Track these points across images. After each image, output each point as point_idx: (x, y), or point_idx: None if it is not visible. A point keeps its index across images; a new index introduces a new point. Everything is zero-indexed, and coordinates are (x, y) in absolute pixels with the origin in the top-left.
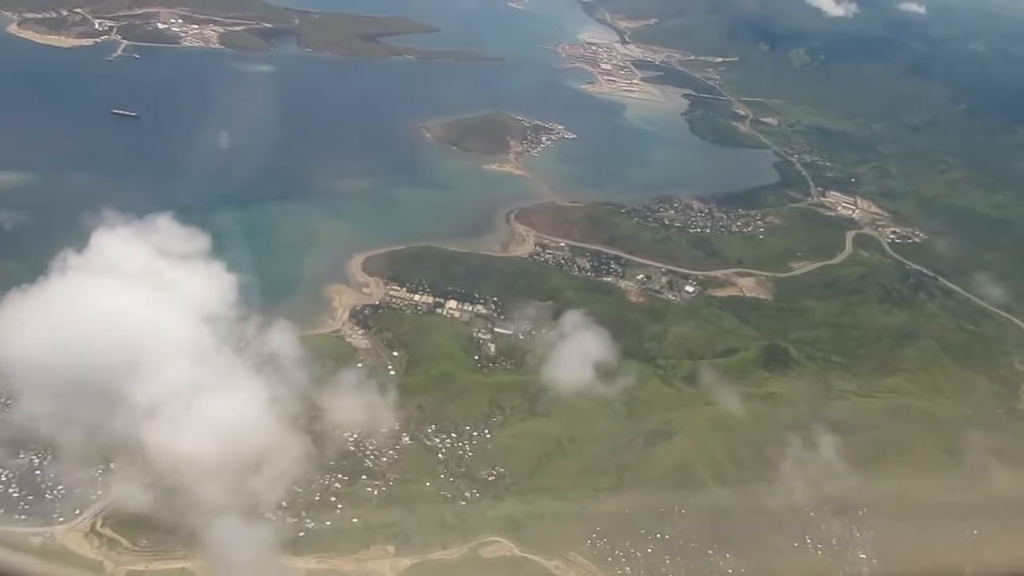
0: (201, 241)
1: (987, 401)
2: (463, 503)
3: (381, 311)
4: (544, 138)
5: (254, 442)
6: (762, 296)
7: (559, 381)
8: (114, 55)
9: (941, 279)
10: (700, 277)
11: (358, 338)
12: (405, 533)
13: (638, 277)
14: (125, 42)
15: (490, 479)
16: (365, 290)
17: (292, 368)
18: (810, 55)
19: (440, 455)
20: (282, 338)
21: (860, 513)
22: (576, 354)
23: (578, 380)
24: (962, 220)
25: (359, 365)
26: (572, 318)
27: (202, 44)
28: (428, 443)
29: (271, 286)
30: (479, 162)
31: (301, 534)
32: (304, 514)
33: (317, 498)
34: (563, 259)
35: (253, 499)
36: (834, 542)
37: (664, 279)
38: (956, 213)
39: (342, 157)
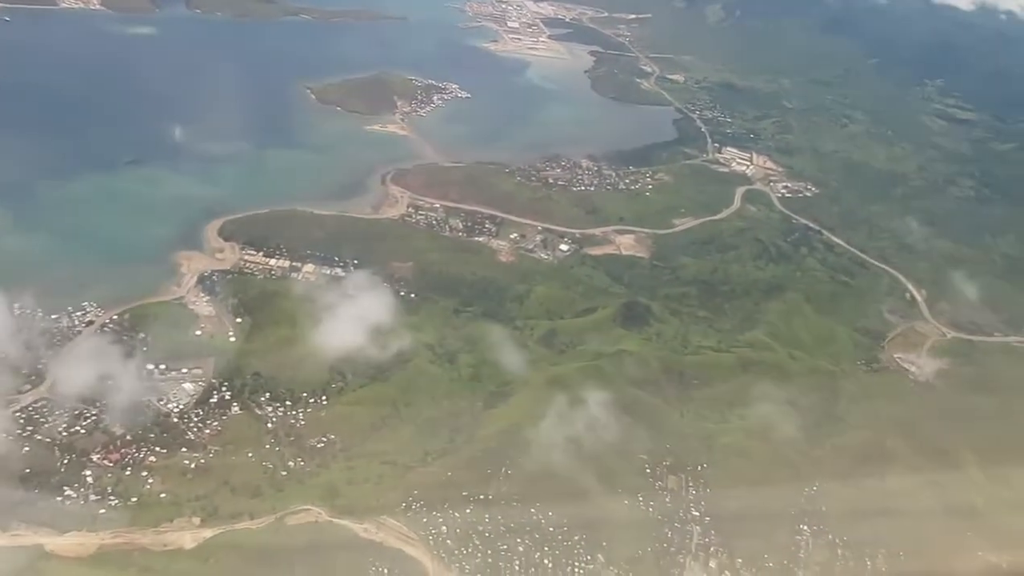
0: (39, 208)
1: (848, 352)
2: (284, 473)
3: (231, 277)
4: (435, 98)
5: None
6: (639, 254)
7: (403, 345)
8: None
9: (826, 233)
10: (577, 235)
11: (202, 305)
12: (214, 505)
13: (512, 236)
14: None
15: (319, 447)
16: (219, 255)
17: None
18: (726, 11)
19: (270, 424)
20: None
21: (699, 469)
22: (429, 316)
23: (425, 343)
24: (857, 174)
25: (197, 333)
26: (428, 279)
27: (82, 5)
28: (259, 412)
29: (115, 253)
30: (362, 123)
31: (102, 511)
32: (110, 490)
33: (128, 473)
34: (436, 220)
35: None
36: (667, 499)
37: (539, 238)
38: (852, 167)
39: (216, 120)
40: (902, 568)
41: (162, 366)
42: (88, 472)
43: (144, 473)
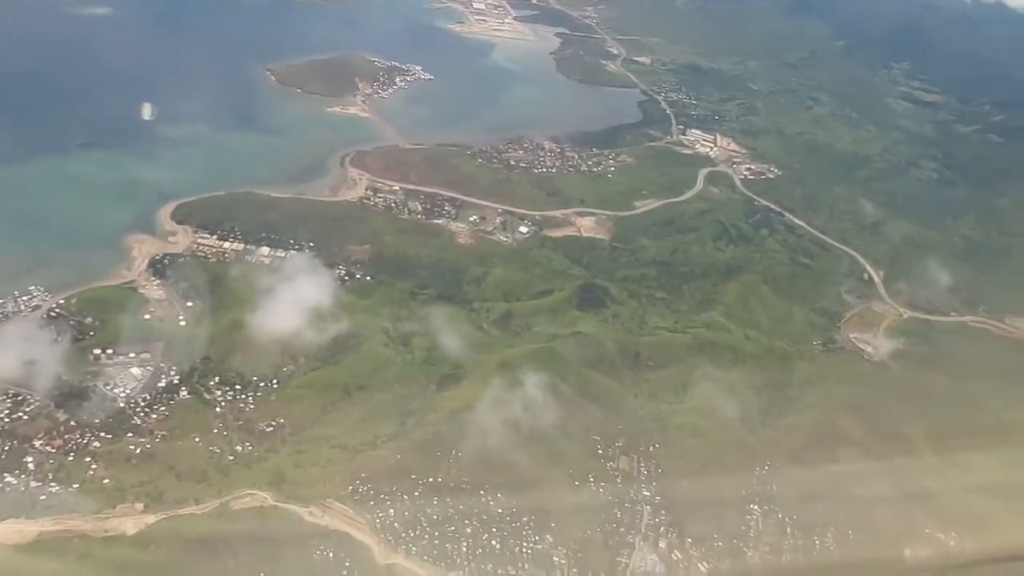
0: None
1: (803, 332)
2: (231, 457)
3: (183, 260)
4: (398, 79)
5: None
6: (599, 236)
7: (358, 328)
8: None
9: (787, 215)
10: (537, 218)
11: (152, 289)
12: (159, 490)
13: (471, 219)
14: None
15: (268, 431)
16: (171, 239)
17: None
18: None
19: (218, 409)
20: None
21: (651, 450)
22: (385, 299)
23: (380, 326)
24: (821, 156)
25: (147, 317)
26: (384, 262)
27: None
28: (208, 397)
29: (65, 237)
30: (323, 105)
31: (43, 497)
32: (51, 476)
33: (71, 459)
34: (395, 203)
35: None
36: (618, 480)
37: (499, 220)
38: (816, 149)
39: (172, 102)
40: (851, 547)
41: (109, 351)
42: (30, 458)
43: (87, 459)
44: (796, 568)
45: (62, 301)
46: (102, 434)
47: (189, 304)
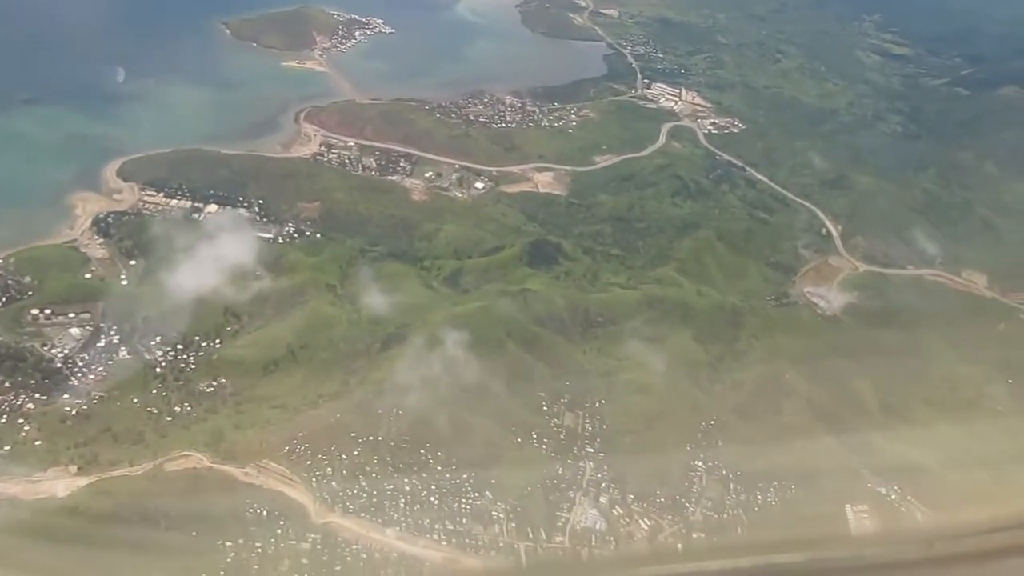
0: None
1: (757, 288)
2: (169, 418)
3: (128, 218)
4: (358, 33)
5: None
6: (556, 191)
7: (305, 286)
8: None
9: (749, 169)
10: (494, 173)
11: (95, 247)
12: (94, 452)
13: (427, 175)
14: None
15: (208, 391)
16: (117, 197)
17: None
18: None
19: (159, 369)
20: None
21: (597, 405)
22: (333, 257)
23: (327, 284)
24: (786, 110)
25: (87, 276)
26: (335, 219)
27: None
28: (148, 357)
29: (5, 195)
30: (279, 59)
31: None
32: None
33: (3, 421)
34: (349, 159)
35: None
36: (562, 436)
37: (455, 176)
38: (782, 103)
39: (123, 56)
40: (793, 501)
41: (47, 311)
42: None
43: (20, 420)
44: (737, 523)
45: (0, 261)
46: (37, 395)
47: (132, 263)
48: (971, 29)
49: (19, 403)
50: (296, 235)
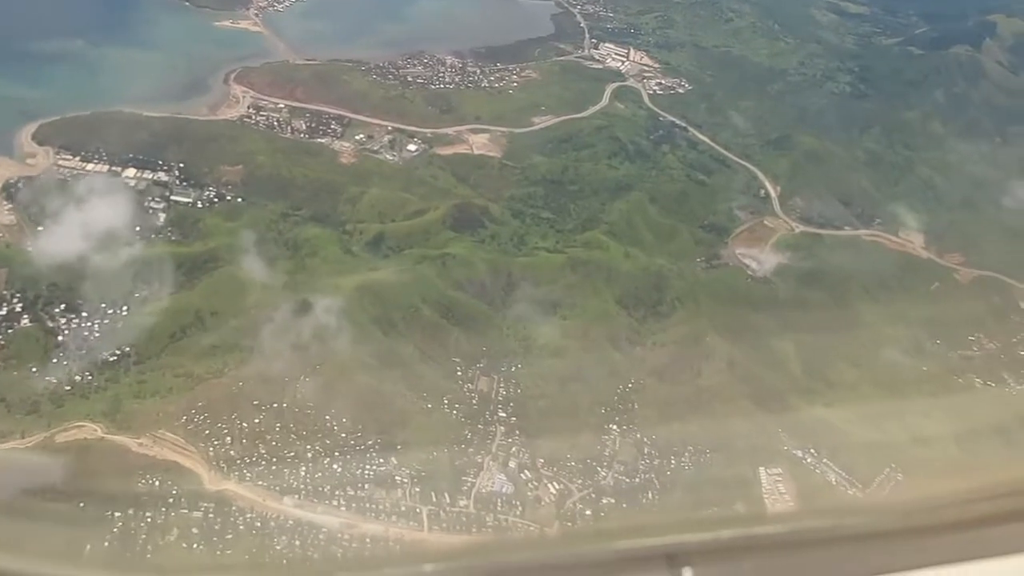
0: None
1: (688, 250)
2: (68, 388)
3: (39, 183)
4: None
5: None
6: (491, 153)
7: (220, 251)
8: None
9: (692, 130)
10: (429, 135)
11: (3, 213)
12: None
13: (357, 137)
14: None
15: (111, 360)
16: (30, 161)
17: None
18: None
19: (61, 337)
20: None
21: (513, 370)
22: (252, 221)
23: (242, 248)
24: (734, 69)
25: None
26: (258, 183)
27: None
28: (51, 324)
29: None
30: (211, 18)
31: None
32: None
33: None
34: (278, 121)
35: None
36: (474, 401)
37: (387, 138)
38: (730, 62)
39: (40, 14)
40: (707, 466)
41: None
42: None
43: None
44: (648, 487)
45: None
46: None
47: (40, 229)
48: None
49: None
50: (216, 199)
